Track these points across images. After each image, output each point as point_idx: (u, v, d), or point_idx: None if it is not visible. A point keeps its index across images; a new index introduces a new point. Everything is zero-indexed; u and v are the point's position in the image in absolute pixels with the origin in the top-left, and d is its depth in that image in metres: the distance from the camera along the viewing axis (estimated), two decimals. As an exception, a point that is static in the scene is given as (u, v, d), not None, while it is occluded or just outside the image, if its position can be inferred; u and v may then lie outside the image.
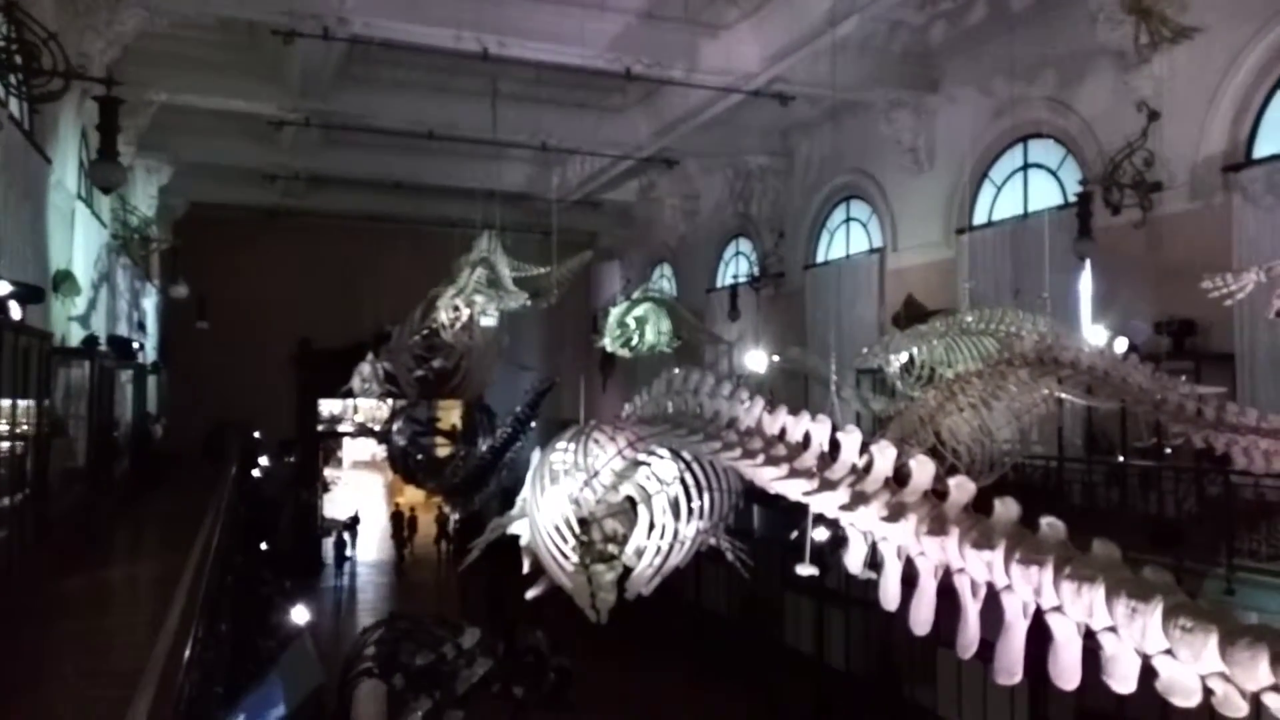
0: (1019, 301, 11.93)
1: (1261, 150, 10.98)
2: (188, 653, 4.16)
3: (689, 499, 5.61)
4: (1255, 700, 2.29)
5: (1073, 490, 11.43)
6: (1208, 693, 2.39)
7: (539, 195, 24.88)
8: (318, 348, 27.36)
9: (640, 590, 5.99)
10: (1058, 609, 2.74)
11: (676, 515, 5.71)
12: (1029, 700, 11.44)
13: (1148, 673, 2.50)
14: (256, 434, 22.60)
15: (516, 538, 7.13)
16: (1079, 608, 2.67)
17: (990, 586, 2.96)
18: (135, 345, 16.32)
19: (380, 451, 32.51)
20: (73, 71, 8.00)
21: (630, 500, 5.72)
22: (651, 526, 5.71)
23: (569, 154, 21.49)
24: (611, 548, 5.87)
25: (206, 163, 21.52)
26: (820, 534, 4.25)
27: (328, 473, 32.70)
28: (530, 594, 9.49)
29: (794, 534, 7.34)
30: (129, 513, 12.36)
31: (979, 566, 2.97)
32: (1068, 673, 2.75)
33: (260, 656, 7.52)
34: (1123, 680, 2.56)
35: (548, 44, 14.79)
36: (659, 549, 5.74)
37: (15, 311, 7.77)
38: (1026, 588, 2.83)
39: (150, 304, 21.61)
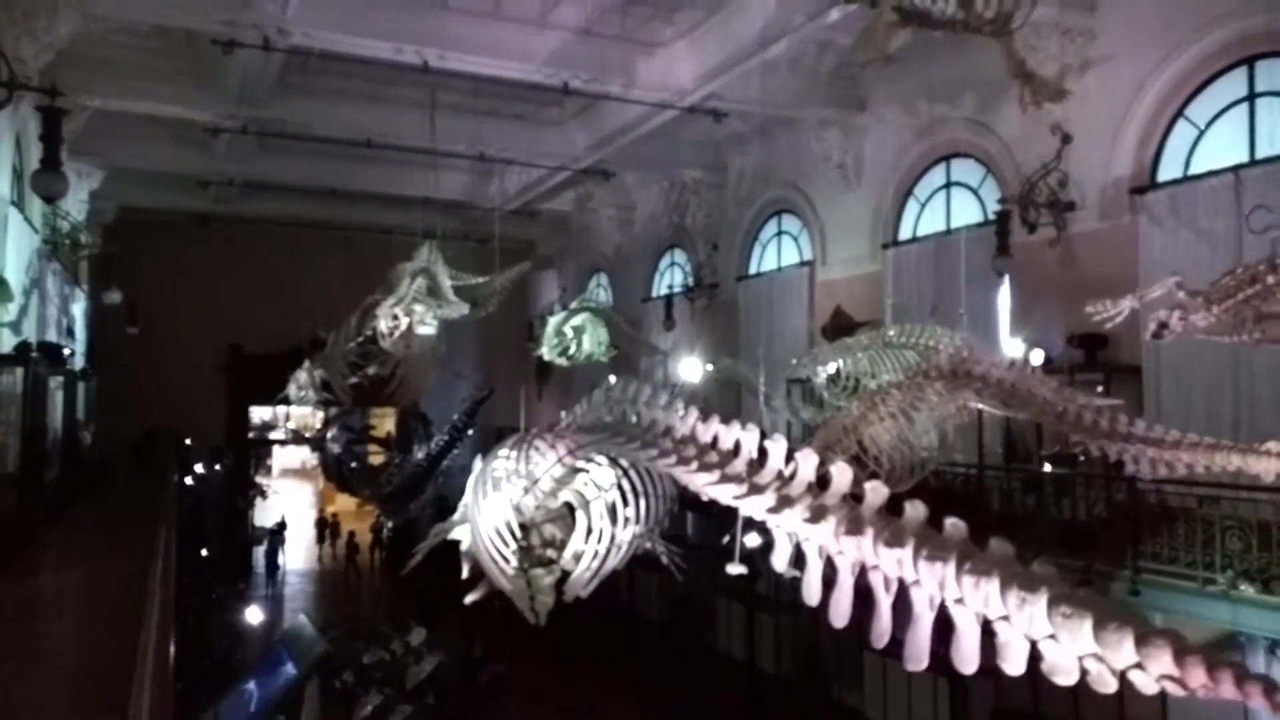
0: (939, 316, 12.42)
1: (1165, 174, 11.66)
2: (172, 648, 4.28)
3: (626, 505, 5.85)
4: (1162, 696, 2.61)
5: (992, 496, 11.96)
6: (1084, 672, 2.72)
7: (477, 204, 25.00)
8: (249, 354, 27.05)
9: (578, 593, 6.22)
10: (959, 601, 3.02)
11: (614, 520, 5.95)
12: (949, 700, 11.92)
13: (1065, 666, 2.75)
14: (188, 441, 22.24)
15: (455, 545, 7.31)
16: (977, 599, 2.96)
17: (901, 582, 3.24)
18: (66, 351, 16.01)
19: (311, 459, 32.21)
20: (17, 83, 7.98)
21: (569, 506, 5.95)
22: (589, 531, 5.94)
23: (507, 164, 21.65)
24: (550, 552, 6.09)
25: (138, 168, 21.16)
26: (752, 539, 4.51)
27: (260, 480, 32.25)
28: (469, 598, 9.69)
29: (726, 539, 7.60)
30: (64, 519, 12.18)
31: (891, 563, 3.24)
32: (968, 658, 3.00)
33: (214, 654, 7.59)
34: (1013, 663, 2.85)
35: (487, 58, 14.98)
36: (596, 553, 5.97)
37: (-52, 319, 7.71)
38: (932, 582, 3.10)
39: (79, 309, 21.17)
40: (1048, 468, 11.28)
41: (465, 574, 7.88)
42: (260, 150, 20.51)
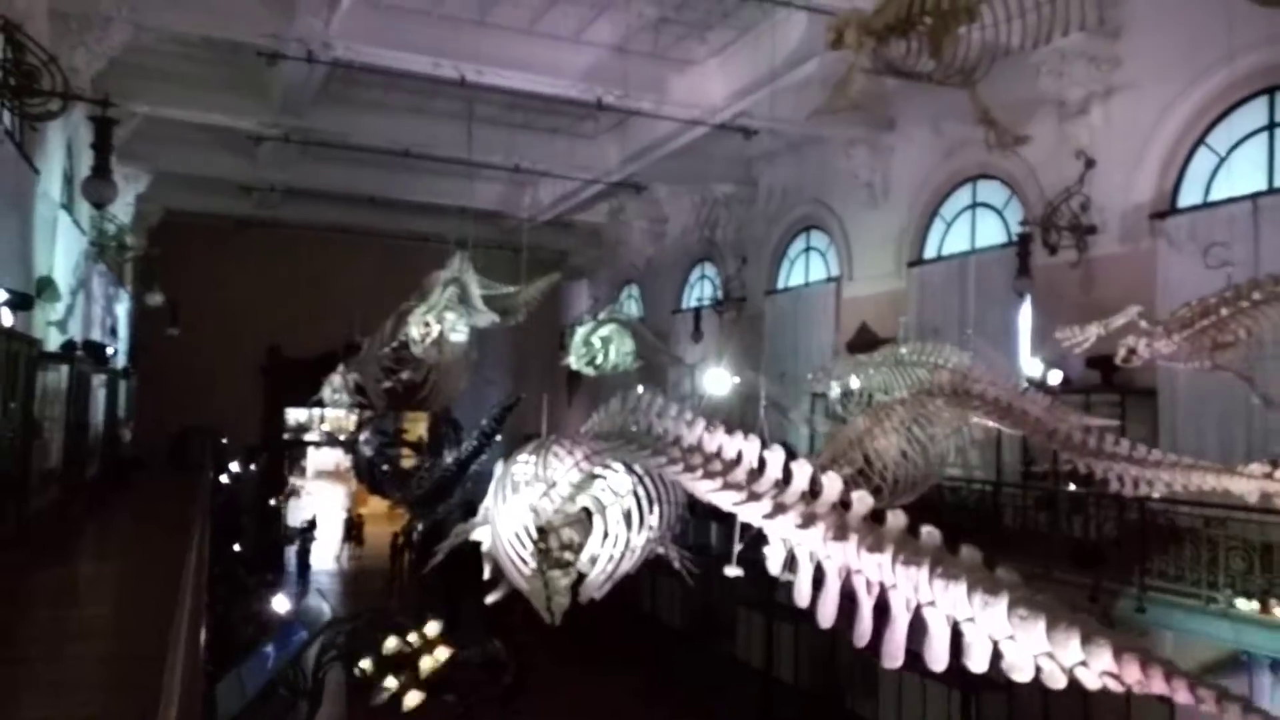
0: (964, 335, 12.60)
1: (1185, 200, 11.79)
2: (203, 632, 4.63)
3: (641, 510, 6.13)
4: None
5: (1006, 513, 12.12)
6: (1038, 669, 2.98)
7: (511, 214, 25.46)
8: (286, 356, 27.66)
9: (593, 595, 6.50)
10: (931, 604, 3.27)
11: (629, 525, 6.23)
12: (961, 710, 12.06)
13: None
14: (224, 440, 22.82)
15: (477, 547, 7.61)
16: (947, 601, 3.21)
17: (881, 585, 3.49)
18: (109, 351, 16.61)
19: (344, 461, 32.74)
20: (71, 93, 8.44)
21: (586, 510, 6.24)
22: (605, 536, 6.23)
23: (541, 176, 22.07)
24: (567, 555, 6.37)
25: (183, 172, 21.83)
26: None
27: (293, 480, 32.82)
28: (490, 598, 10.02)
29: (739, 546, 7.85)
30: (103, 512, 12.71)
31: (872, 567, 3.50)
32: (939, 657, 3.24)
33: (242, 640, 7.99)
34: (978, 661, 3.10)
35: (523, 73, 15.39)
36: (611, 557, 6.24)
37: (6, 318, 8.18)
38: (908, 585, 3.36)
39: (122, 310, 21.84)
40: (1071, 486, 11.41)
41: (486, 574, 8.19)
42: (301, 157, 21.11)
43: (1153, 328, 6.48)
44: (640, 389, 6.28)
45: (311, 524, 29.08)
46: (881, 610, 3.34)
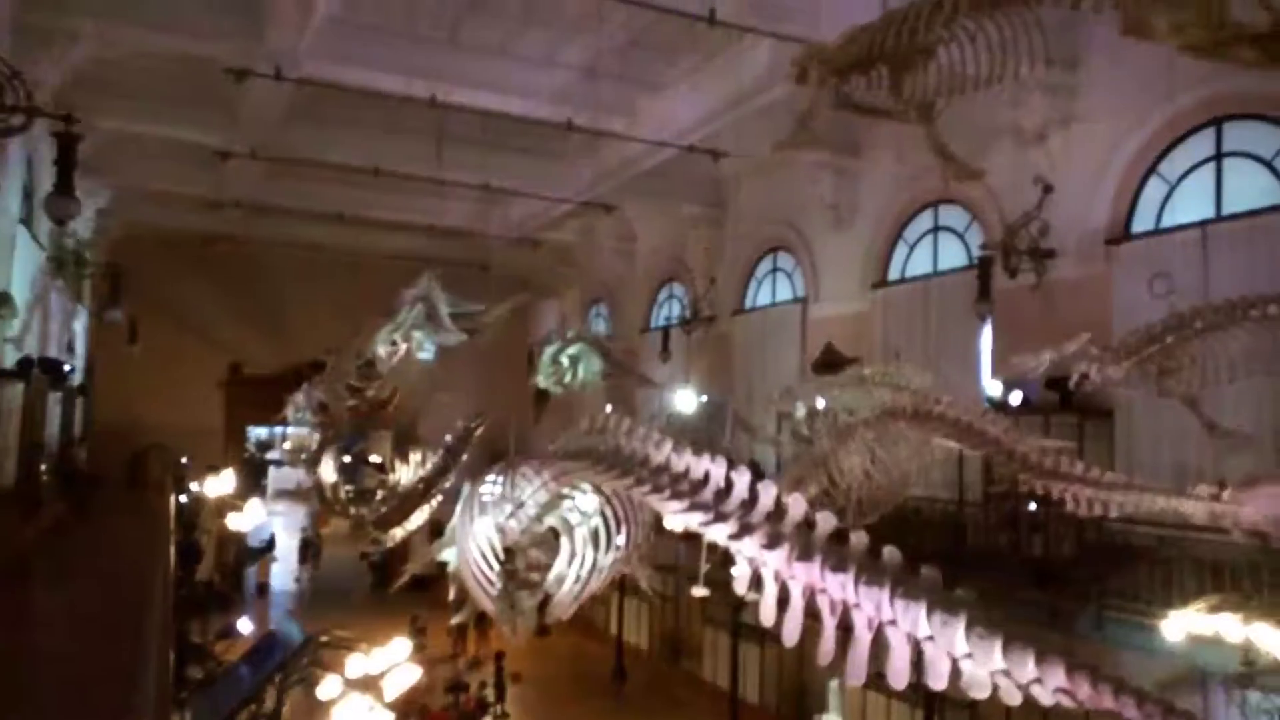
0: (921, 357, 12.81)
1: (1138, 227, 12.11)
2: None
3: (608, 530, 6.17)
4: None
5: (968, 532, 12.30)
6: (995, 687, 3.07)
7: (479, 232, 25.48)
8: (248, 374, 27.43)
9: (560, 615, 6.53)
10: (893, 622, 3.35)
11: (596, 546, 6.27)
12: (924, 728, 12.17)
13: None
14: (184, 459, 22.52)
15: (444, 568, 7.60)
16: (907, 621, 3.30)
17: (844, 604, 3.57)
18: (66, 368, 16.35)
19: (305, 480, 32.31)
20: (35, 109, 8.38)
21: (553, 531, 6.26)
22: (572, 555, 6.26)
23: (511, 194, 22.12)
24: (534, 575, 6.39)
25: (146, 188, 21.64)
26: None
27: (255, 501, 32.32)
28: (455, 619, 9.98)
29: (705, 566, 7.94)
30: (58, 534, 12.47)
31: (835, 587, 3.57)
32: (899, 674, 3.32)
33: (209, 656, 7.93)
34: (938, 679, 3.19)
35: (494, 94, 15.50)
36: (578, 576, 6.28)
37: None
38: (870, 605, 3.44)
39: (80, 326, 21.53)
40: (1032, 506, 11.60)
41: (452, 594, 8.17)
42: (268, 174, 20.99)
43: (1102, 353, 6.69)
44: (609, 408, 6.34)
45: (270, 544, 28.72)
46: (846, 629, 3.40)
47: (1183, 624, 7.46)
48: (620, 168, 18.98)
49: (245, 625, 10.15)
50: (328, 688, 5.31)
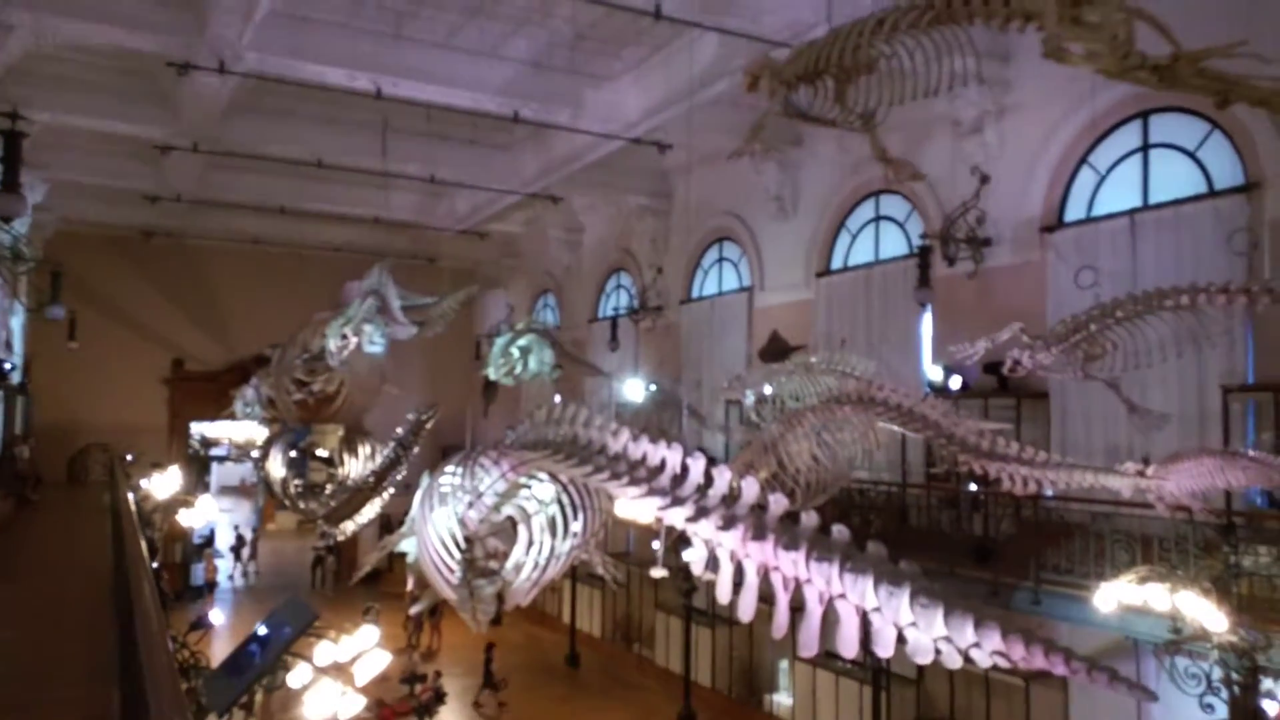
0: (860, 344, 13.13)
1: (1070, 215, 12.57)
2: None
3: (565, 518, 6.33)
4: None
5: (910, 512, 12.69)
6: (937, 652, 3.31)
7: (427, 224, 25.38)
8: (191, 370, 27.04)
9: (518, 601, 6.68)
10: (842, 596, 3.57)
11: (553, 533, 6.42)
12: (872, 705, 12.54)
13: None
14: (129, 456, 22.16)
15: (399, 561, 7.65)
16: (856, 594, 3.51)
17: (796, 580, 3.77)
18: (5, 366, 16.06)
19: (249, 476, 31.89)
20: (-24, 105, 8.26)
21: (511, 520, 6.40)
22: (530, 543, 6.41)
23: (457, 186, 22.08)
24: (493, 563, 6.53)
25: (84, 181, 21.19)
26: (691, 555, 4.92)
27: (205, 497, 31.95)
28: (413, 609, 10.09)
29: (659, 549, 8.13)
30: (5, 534, 12.33)
31: (788, 564, 3.78)
32: (849, 644, 3.53)
33: (183, 647, 7.94)
34: (885, 647, 3.41)
35: (440, 86, 15.46)
36: (536, 564, 6.43)
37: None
38: (820, 580, 3.65)
39: (17, 323, 21.06)
40: (972, 486, 12.02)
41: (410, 584, 8.26)
42: (209, 167, 20.68)
43: (1032, 341, 7.08)
44: (557, 398, 6.49)
45: (209, 539, 28.46)
46: (796, 610, 3.59)
47: (1113, 595, 7.85)
48: (566, 159, 19.07)
49: (217, 617, 10.14)
50: (298, 675, 5.41)
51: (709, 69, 13.87)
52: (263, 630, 5.54)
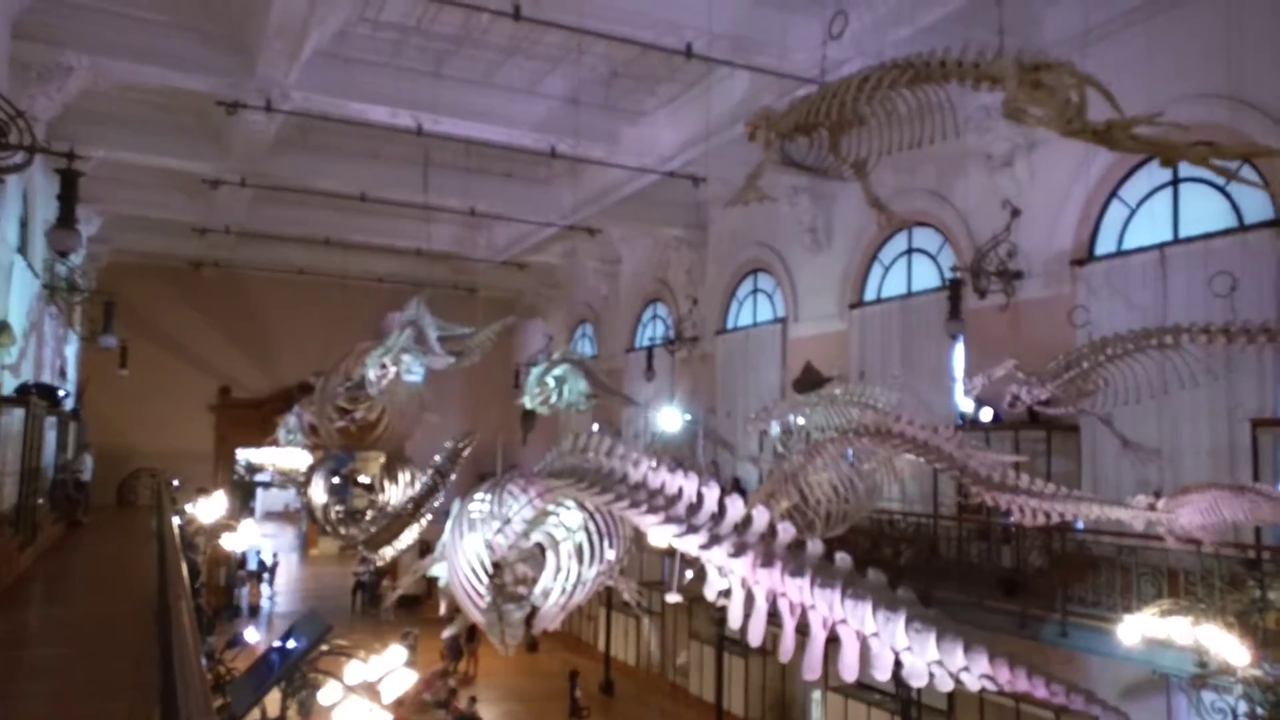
0: (891, 376, 13.20)
1: (1101, 249, 12.60)
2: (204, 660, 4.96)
3: (592, 545, 6.51)
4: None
5: (941, 544, 12.69)
6: (931, 675, 3.45)
7: (466, 255, 25.89)
8: (237, 397, 27.71)
9: (547, 626, 6.86)
10: (843, 621, 3.72)
11: (580, 560, 6.61)
12: (902, 736, 12.49)
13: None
14: (175, 481, 22.74)
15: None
16: (856, 619, 3.67)
17: (802, 606, 3.93)
18: (60, 393, 16.63)
19: (293, 502, 32.46)
20: (38, 146, 8.72)
21: (539, 546, 6.60)
22: (558, 570, 6.60)
23: (496, 219, 22.54)
24: (521, 589, 6.72)
25: (136, 214, 21.97)
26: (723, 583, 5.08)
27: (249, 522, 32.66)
28: (446, 632, 10.31)
29: (684, 577, 8.29)
30: (57, 555, 12.77)
31: (794, 590, 3.94)
32: (850, 668, 3.67)
33: (219, 663, 8.26)
34: (883, 670, 3.55)
35: (478, 123, 15.92)
36: (564, 590, 6.61)
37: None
38: (824, 605, 3.81)
39: (71, 351, 21.80)
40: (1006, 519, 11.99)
41: (443, 609, 8.47)
42: (257, 200, 21.36)
43: (1028, 377, 7.25)
44: (594, 428, 6.71)
45: (264, 567, 29.03)
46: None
47: (1137, 628, 7.85)
48: (603, 192, 19.43)
49: (252, 635, 10.45)
50: (328, 693, 5.66)
51: (740, 104, 14.14)
52: (287, 643, 5.82)
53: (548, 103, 16.10)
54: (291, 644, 5.79)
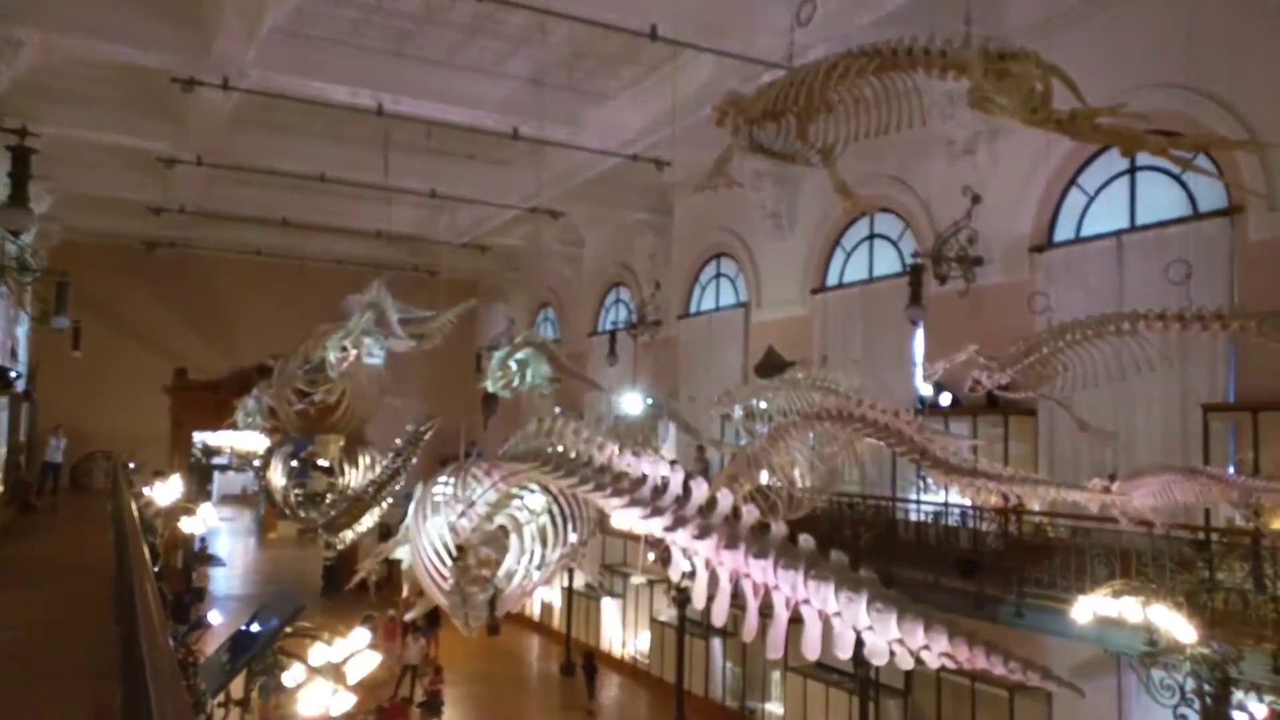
0: (851, 361, 13.31)
1: (1060, 236, 12.79)
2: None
3: (556, 528, 6.52)
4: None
5: (899, 526, 12.87)
6: (892, 653, 3.50)
7: (428, 237, 25.65)
8: (194, 379, 27.27)
9: (510, 608, 6.86)
10: (806, 601, 3.76)
11: (544, 543, 6.62)
12: (860, 714, 12.66)
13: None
14: (132, 464, 22.38)
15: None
16: (818, 599, 3.71)
17: (765, 587, 3.96)
18: (13, 374, 16.30)
19: (250, 485, 32.10)
20: (-12, 121, 8.51)
21: (503, 529, 6.59)
22: (522, 552, 6.60)
23: (458, 201, 22.35)
24: (484, 571, 6.72)
25: (89, 193, 21.49)
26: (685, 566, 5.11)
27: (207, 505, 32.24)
28: (409, 615, 10.28)
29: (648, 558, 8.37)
30: (11, 538, 12.53)
31: (758, 571, 3.97)
32: (812, 646, 3.71)
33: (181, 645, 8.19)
34: (845, 649, 3.60)
35: (440, 103, 15.75)
36: (527, 573, 6.63)
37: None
38: (787, 586, 3.84)
39: (22, 332, 21.31)
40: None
41: (405, 591, 8.45)
42: (213, 180, 20.97)
43: (989, 362, 7.38)
44: (557, 411, 6.69)
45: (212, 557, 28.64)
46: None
47: (1089, 607, 8.03)
48: (566, 175, 19.34)
49: (215, 617, 10.34)
50: (293, 674, 5.62)
51: (705, 87, 14.11)
52: (254, 624, 5.78)
53: (511, 84, 15.97)
54: (255, 627, 5.75)
